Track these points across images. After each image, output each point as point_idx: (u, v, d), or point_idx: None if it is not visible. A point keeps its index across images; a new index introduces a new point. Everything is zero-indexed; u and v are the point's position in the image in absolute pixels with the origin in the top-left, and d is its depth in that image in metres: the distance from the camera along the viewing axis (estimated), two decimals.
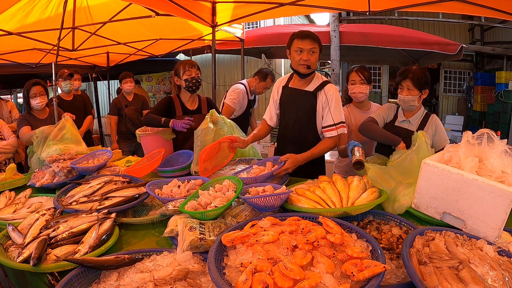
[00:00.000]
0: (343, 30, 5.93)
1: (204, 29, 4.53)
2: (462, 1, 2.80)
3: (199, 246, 1.16)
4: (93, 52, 5.23)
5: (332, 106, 2.05)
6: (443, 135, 2.06)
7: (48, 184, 1.99)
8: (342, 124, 2.08)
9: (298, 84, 2.16)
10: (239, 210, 1.47)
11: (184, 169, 2.17)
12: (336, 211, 1.39)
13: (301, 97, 2.12)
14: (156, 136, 2.47)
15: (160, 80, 9.19)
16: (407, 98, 2.00)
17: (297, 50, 2.01)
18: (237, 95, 3.49)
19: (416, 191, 1.41)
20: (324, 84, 2.09)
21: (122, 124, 4.27)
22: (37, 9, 3.34)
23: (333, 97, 2.06)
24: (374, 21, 9.11)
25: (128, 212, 1.65)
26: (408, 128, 2.07)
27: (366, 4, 3.13)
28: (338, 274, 0.96)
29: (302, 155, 1.96)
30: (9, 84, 6.44)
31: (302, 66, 2.01)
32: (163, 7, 3.07)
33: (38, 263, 1.14)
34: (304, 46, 1.98)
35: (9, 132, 2.73)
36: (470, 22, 8.36)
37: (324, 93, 2.06)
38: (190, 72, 2.42)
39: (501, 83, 7.86)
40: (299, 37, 2.00)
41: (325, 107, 2.07)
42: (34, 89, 2.76)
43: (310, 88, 2.11)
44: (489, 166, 1.25)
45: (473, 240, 1.15)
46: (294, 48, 2.02)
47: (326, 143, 2.07)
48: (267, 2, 3.47)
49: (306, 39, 1.97)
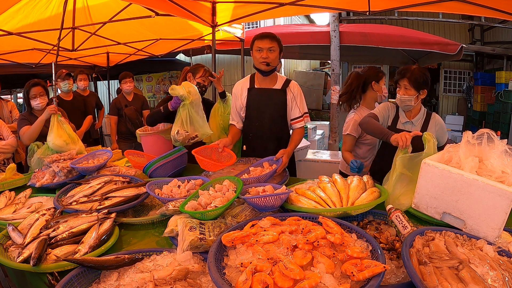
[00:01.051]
0: (343, 30, 5.94)
1: (204, 29, 4.53)
2: (462, 1, 2.79)
3: (199, 246, 1.16)
4: (93, 52, 5.22)
5: (298, 100, 2.28)
6: (445, 133, 2.11)
7: (48, 184, 1.99)
8: (306, 115, 2.32)
9: (263, 83, 2.29)
10: (239, 210, 1.47)
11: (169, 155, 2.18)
12: (336, 211, 1.39)
13: (272, 95, 2.27)
14: (157, 136, 2.48)
15: (160, 80, 9.19)
16: (404, 97, 2.00)
17: (257, 50, 2.16)
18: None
19: (416, 191, 1.41)
20: (288, 82, 2.29)
21: (122, 124, 4.26)
22: (37, 9, 3.35)
23: (298, 92, 2.29)
24: (374, 21, 9.11)
25: (128, 212, 1.66)
26: (411, 130, 2.06)
27: (366, 4, 3.13)
28: (338, 274, 0.96)
29: (290, 148, 2.12)
30: (9, 84, 6.44)
31: (262, 63, 2.15)
32: (163, 7, 3.07)
33: (38, 263, 1.14)
34: (263, 45, 2.13)
35: (8, 132, 2.73)
36: (470, 22, 8.36)
37: (291, 89, 2.27)
38: (205, 79, 2.58)
39: (501, 83, 7.86)
40: (258, 38, 2.16)
41: (293, 102, 2.28)
42: (34, 90, 2.76)
43: (277, 86, 2.28)
44: (489, 166, 1.25)
45: (473, 240, 1.15)
46: (255, 48, 2.17)
47: (300, 133, 2.29)
48: (267, 2, 3.47)
49: (265, 39, 2.13)
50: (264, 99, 2.27)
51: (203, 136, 2.30)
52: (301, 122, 2.29)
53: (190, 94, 2.19)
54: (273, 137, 2.29)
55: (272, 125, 2.28)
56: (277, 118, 2.28)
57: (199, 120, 2.27)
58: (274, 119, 2.27)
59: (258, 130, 2.31)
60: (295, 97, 2.26)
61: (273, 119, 2.27)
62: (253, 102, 2.29)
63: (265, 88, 2.28)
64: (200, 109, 2.28)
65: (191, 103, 2.21)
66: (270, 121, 2.27)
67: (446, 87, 10.29)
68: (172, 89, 2.21)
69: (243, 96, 2.32)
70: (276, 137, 2.29)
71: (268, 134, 2.29)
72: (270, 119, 2.27)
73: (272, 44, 2.13)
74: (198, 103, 2.26)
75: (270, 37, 2.14)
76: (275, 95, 2.26)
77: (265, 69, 2.19)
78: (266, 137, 2.30)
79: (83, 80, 4.35)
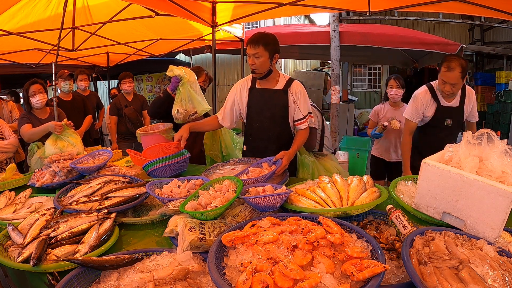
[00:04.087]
0: (343, 30, 5.93)
1: (204, 29, 4.54)
2: (462, 1, 2.80)
3: (199, 246, 1.16)
4: (93, 52, 5.23)
5: (301, 101, 2.21)
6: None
7: (48, 184, 1.99)
8: (309, 115, 2.27)
9: (265, 84, 2.23)
10: (239, 210, 1.47)
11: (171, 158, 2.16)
12: (336, 211, 1.39)
13: (273, 96, 2.22)
14: (157, 135, 2.48)
15: (160, 80, 9.20)
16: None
17: (248, 55, 2.11)
18: None
19: (416, 191, 1.41)
20: (290, 82, 2.22)
21: (122, 124, 4.27)
22: (37, 9, 3.35)
23: (301, 92, 2.21)
24: (374, 21, 9.11)
25: (128, 212, 1.65)
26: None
27: (366, 4, 3.13)
28: (338, 274, 0.96)
29: (292, 150, 2.08)
30: (9, 84, 6.45)
31: (251, 70, 2.12)
32: (163, 7, 3.07)
33: (38, 263, 1.14)
34: (249, 52, 2.07)
35: (10, 132, 2.74)
36: (470, 22, 8.36)
37: (293, 90, 2.20)
38: (206, 83, 2.74)
39: (501, 83, 7.87)
40: (247, 43, 2.09)
41: (295, 103, 2.20)
42: (33, 87, 2.77)
43: (279, 87, 2.22)
44: (489, 166, 1.25)
45: (473, 240, 1.15)
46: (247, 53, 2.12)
47: (303, 134, 2.24)
48: (267, 2, 3.47)
49: (250, 45, 2.06)
50: (265, 100, 2.23)
51: (202, 112, 2.44)
52: (304, 123, 2.23)
53: (187, 74, 2.33)
54: (274, 138, 2.26)
55: (273, 126, 2.24)
56: (278, 119, 2.23)
57: (197, 97, 2.43)
58: (274, 120, 2.23)
59: (259, 131, 2.29)
60: (297, 99, 2.20)
61: (274, 120, 2.23)
62: (253, 102, 2.26)
63: (266, 89, 2.23)
64: (197, 88, 2.43)
65: (188, 81, 2.35)
66: (271, 122, 2.24)
67: None
68: (170, 70, 2.35)
69: (243, 96, 2.28)
70: (277, 137, 2.26)
71: (268, 135, 2.27)
72: (271, 120, 2.23)
73: (256, 50, 2.03)
74: (195, 82, 2.42)
75: (253, 43, 2.04)
76: (276, 96, 2.21)
77: (254, 76, 2.17)
78: (266, 137, 2.27)
79: (83, 80, 4.36)
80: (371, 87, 11.75)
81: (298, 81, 2.27)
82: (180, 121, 2.44)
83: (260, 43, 2.03)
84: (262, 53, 2.04)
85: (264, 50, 2.04)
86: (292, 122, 2.26)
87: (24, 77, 4.84)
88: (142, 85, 9.36)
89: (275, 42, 2.10)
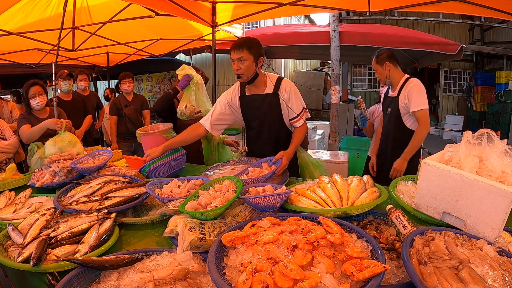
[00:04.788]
0: (343, 30, 5.94)
1: (204, 29, 4.54)
2: (462, 1, 2.80)
3: (199, 246, 1.16)
4: (93, 52, 5.23)
5: (293, 100, 2.17)
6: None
7: (48, 184, 1.99)
8: (304, 111, 2.24)
9: (254, 90, 2.21)
10: (239, 210, 1.47)
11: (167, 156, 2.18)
12: (336, 211, 1.39)
13: (265, 101, 2.19)
14: (157, 135, 2.47)
15: (160, 80, 9.21)
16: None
17: (232, 61, 2.08)
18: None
19: (416, 191, 1.41)
20: (279, 82, 2.18)
21: (122, 124, 4.26)
22: (37, 9, 3.35)
23: (290, 91, 2.17)
24: (374, 21, 9.12)
25: (128, 212, 1.65)
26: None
27: (366, 4, 3.13)
28: (338, 274, 0.96)
29: (291, 149, 2.07)
30: (9, 84, 6.44)
31: (236, 75, 2.09)
32: (163, 7, 3.07)
33: (38, 263, 1.14)
34: (233, 57, 2.04)
35: (10, 132, 2.73)
36: (470, 22, 8.37)
37: (283, 91, 2.17)
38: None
39: (501, 83, 7.88)
40: (231, 49, 2.05)
41: (287, 102, 2.18)
42: (33, 89, 2.76)
43: (269, 91, 2.18)
44: (489, 166, 1.25)
45: (473, 240, 1.15)
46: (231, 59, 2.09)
47: (301, 132, 2.22)
48: (267, 2, 3.47)
49: (234, 50, 2.03)
50: (257, 106, 2.21)
51: (205, 112, 2.59)
52: (300, 121, 2.22)
53: (197, 75, 2.65)
54: (272, 140, 2.26)
55: (269, 129, 2.25)
56: (273, 122, 2.22)
57: (203, 98, 2.70)
58: (270, 123, 2.23)
59: (257, 135, 2.30)
60: (288, 99, 2.17)
61: (269, 123, 2.22)
62: (247, 110, 2.25)
63: (256, 95, 2.20)
64: (203, 90, 2.71)
65: (196, 83, 2.63)
66: (267, 126, 2.24)
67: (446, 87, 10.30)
68: (182, 69, 2.62)
69: (235, 105, 2.26)
70: (275, 139, 2.26)
71: (266, 137, 2.27)
72: (267, 124, 2.23)
73: (241, 54, 1.99)
74: (202, 83, 2.71)
75: (237, 47, 2.01)
76: (267, 101, 2.18)
77: (240, 81, 2.14)
78: (264, 140, 2.28)
79: (83, 80, 4.36)
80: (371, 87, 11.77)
81: (287, 80, 2.23)
82: (186, 117, 2.63)
83: (243, 47, 2.00)
84: (247, 57, 2.01)
85: (248, 54, 2.01)
86: (288, 120, 2.25)
87: (24, 77, 4.84)
88: (142, 85, 9.37)
89: (259, 45, 2.07)
